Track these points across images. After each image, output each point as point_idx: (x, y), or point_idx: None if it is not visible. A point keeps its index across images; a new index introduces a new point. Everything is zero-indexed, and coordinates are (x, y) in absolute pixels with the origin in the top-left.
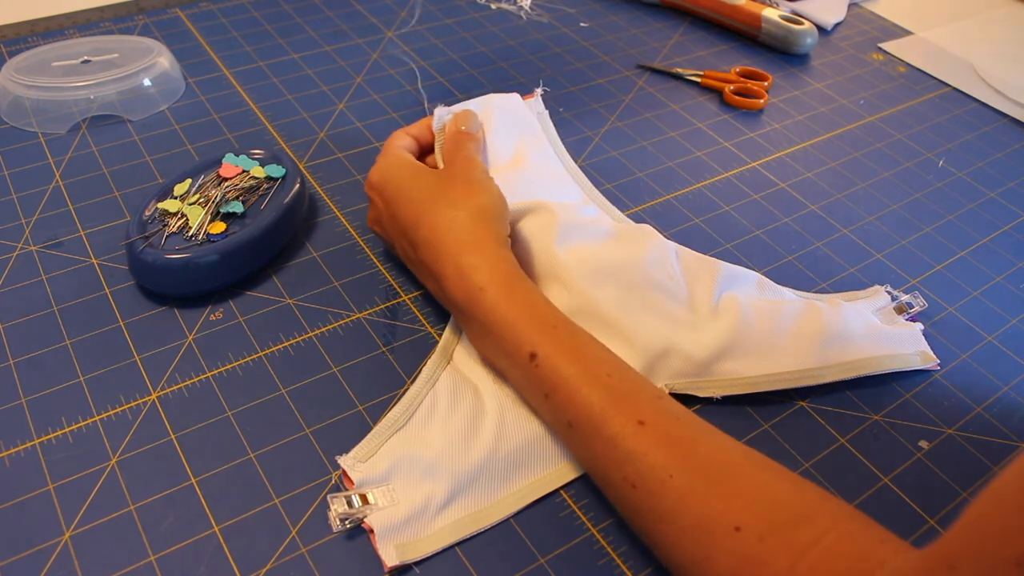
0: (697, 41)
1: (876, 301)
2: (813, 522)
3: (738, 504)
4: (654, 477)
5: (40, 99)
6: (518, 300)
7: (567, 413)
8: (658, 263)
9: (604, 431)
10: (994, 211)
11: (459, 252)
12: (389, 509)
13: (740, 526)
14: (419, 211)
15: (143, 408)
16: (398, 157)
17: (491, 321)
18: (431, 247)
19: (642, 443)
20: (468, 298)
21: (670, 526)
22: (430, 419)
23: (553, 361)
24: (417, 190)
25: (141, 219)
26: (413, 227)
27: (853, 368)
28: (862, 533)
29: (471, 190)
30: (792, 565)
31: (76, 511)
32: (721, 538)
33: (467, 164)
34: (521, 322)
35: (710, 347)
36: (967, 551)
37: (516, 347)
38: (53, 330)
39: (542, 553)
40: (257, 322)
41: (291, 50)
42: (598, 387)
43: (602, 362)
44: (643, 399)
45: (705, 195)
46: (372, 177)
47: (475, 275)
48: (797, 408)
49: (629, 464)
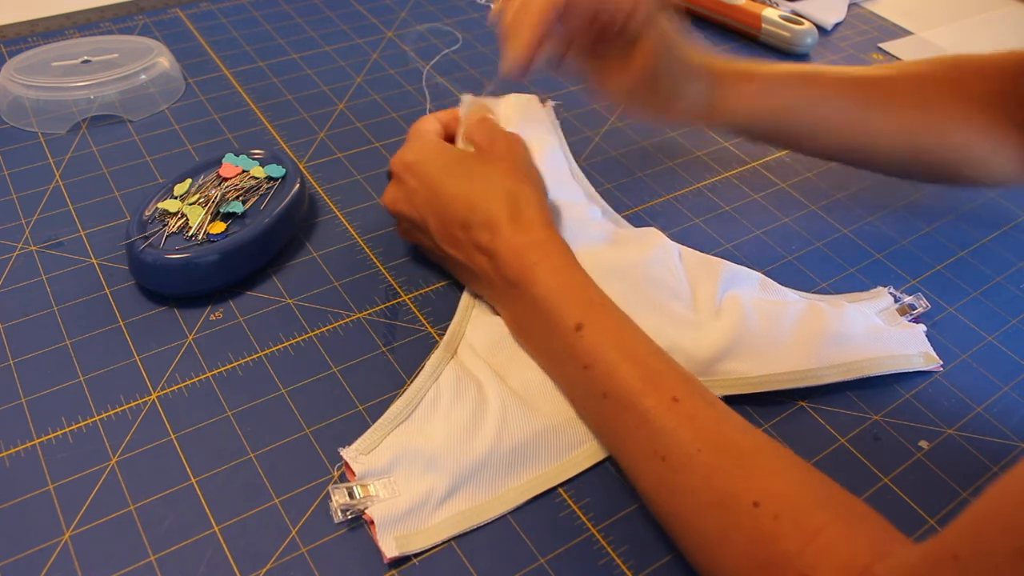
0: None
1: (879, 302)
2: (826, 508)
3: (758, 483)
4: (682, 451)
5: (40, 99)
6: (568, 276)
7: (604, 385)
8: (661, 263)
9: (640, 404)
10: (994, 211)
11: (515, 231)
12: (390, 501)
13: (758, 502)
14: (469, 192)
15: (143, 408)
16: (434, 140)
17: (541, 295)
18: (488, 229)
19: (674, 418)
20: (522, 273)
21: (693, 500)
22: (433, 413)
23: (598, 334)
24: (466, 175)
25: (141, 219)
26: (469, 210)
27: (855, 369)
28: (871, 524)
29: (520, 173)
30: (803, 546)
31: (76, 511)
32: (739, 514)
33: (513, 145)
34: (570, 296)
35: (712, 347)
36: (971, 542)
37: (562, 319)
38: (53, 330)
39: (542, 553)
40: (257, 322)
41: (291, 50)
42: (637, 362)
43: (640, 341)
44: (677, 378)
45: (705, 195)
46: (406, 157)
47: (530, 252)
48: (797, 408)
49: (660, 437)
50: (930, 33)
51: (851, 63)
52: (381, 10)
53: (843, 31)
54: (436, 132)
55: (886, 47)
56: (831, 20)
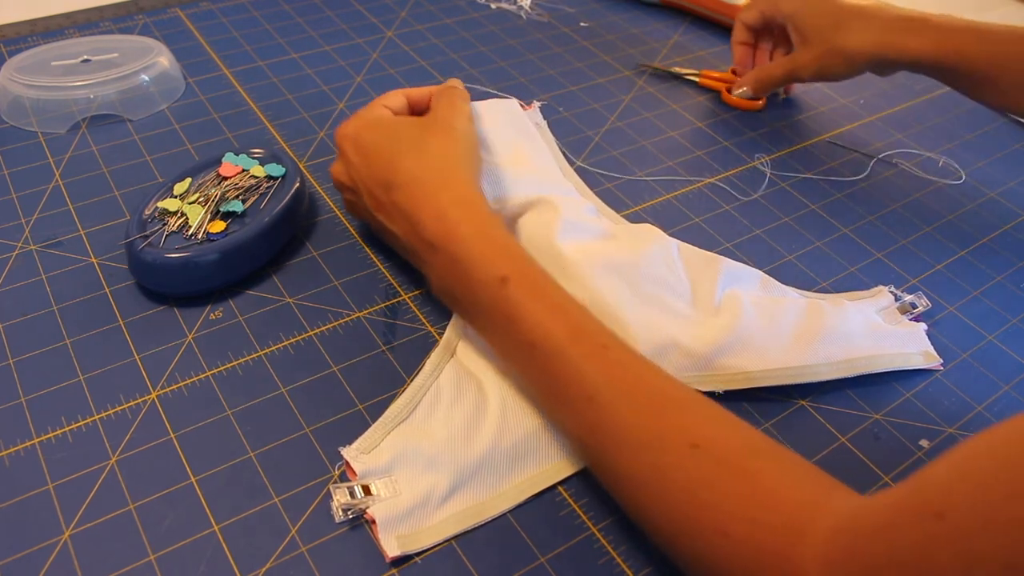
0: (697, 41)
1: (879, 301)
2: (767, 453)
3: (695, 427)
4: (613, 392)
5: (40, 99)
6: (490, 233)
7: (532, 335)
8: (660, 259)
9: (569, 351)
10: (994, 211)
11: (437, 192)
12: (391, 500)
13: (697, 443)
14: (397, 155)
15: (143, 407)
16: (377, 111)
17: (465, 252)
18: (408, 190)
19: (604, 364)
20: (445, 233)
21: (624, 440)
22: (433, 412)
23: (523, 287)
24: (396, 137)
25: (141, 218)
26: (392, 171)
27: (855, 366)
28: (814, 475)
29: (450, 135)
30: (748, 490)
31: (76, 510)
32: (677, 455)
33: (449, 110)
34: (494, 252)
35: (711, 343)
36: (965, 504)
37: (488, 273)
38: (53, 330)
39: (542, 552)
40: (257, 321)
41: (291, 50)
42: (565, 313)
43: (566, 295)
44: (604, 330)
45: (705, 195)
46: (346, 128)
47: (451, 212)
48: (797, 407)
49: (590, 380)
50: None
51: None
52: (381, 10)
53: None
54: (399, 107)
55: None
56: None
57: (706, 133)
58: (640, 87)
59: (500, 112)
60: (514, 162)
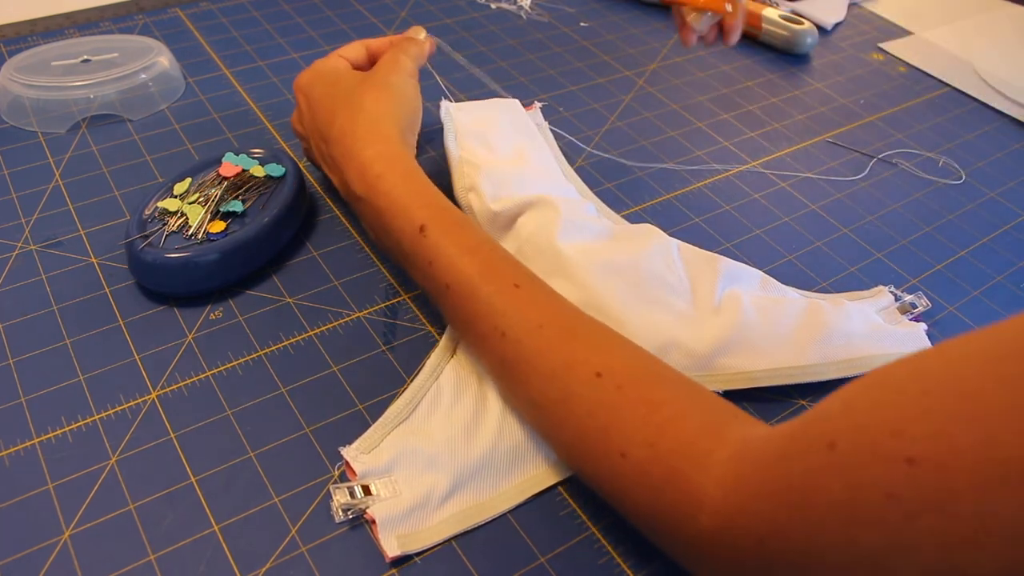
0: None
1: (879, 301)
2: (671, 382)
3: (600, 357)
4: (524, 327)
5: (40, 99)
6: (412, 185)
7: (447, 277)
8: (660, 259)
9: (482, 290)
10: (994, 211)
11: (363, 147)
12: (391, 500)
13: (601, 372)
14: (334, 109)
15: (143, 407)
16: (332, 62)
17: (386, 203)
18: (340, 144)
19: (514, 301)
20: (368, 186)
21: (534, 370)
22: (433, 412)
23: (440, 233)
24: (337, 90)
25: (141, 218)
26: (327, 124)
27: (855, 365)
28: (718, 402)
29: (384, 92)
30: (646, 416)
31: (76, 510)
32: (582, 383)
33: (389, 67)
34: (414, 203)
35: (711, 342)
36: (851, 437)
37: (407, 222)
38: (53, 330)
39: (542, 552)
40: (257, 321)
41: (291, 50)
42: (478, 255)
43: (483, 239)
44: (518, 270)
45: (705, 195)
46: (302, 78)
47: (375, 165)
48: (797, 407)
49: (502, 317)
50: (930, 33)
51: (851, 63)
52: (381, 10)
53: (843, 31)
54: (357, 58)
55: (886, 47)
56: (831, 20)
57: (706, 133)
58: (640, 87)
59: (502, 112)
60: (515, 162)
